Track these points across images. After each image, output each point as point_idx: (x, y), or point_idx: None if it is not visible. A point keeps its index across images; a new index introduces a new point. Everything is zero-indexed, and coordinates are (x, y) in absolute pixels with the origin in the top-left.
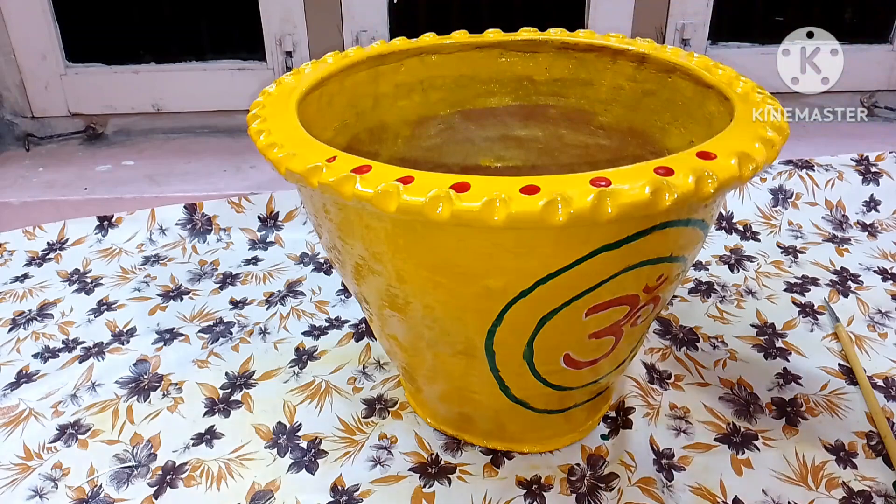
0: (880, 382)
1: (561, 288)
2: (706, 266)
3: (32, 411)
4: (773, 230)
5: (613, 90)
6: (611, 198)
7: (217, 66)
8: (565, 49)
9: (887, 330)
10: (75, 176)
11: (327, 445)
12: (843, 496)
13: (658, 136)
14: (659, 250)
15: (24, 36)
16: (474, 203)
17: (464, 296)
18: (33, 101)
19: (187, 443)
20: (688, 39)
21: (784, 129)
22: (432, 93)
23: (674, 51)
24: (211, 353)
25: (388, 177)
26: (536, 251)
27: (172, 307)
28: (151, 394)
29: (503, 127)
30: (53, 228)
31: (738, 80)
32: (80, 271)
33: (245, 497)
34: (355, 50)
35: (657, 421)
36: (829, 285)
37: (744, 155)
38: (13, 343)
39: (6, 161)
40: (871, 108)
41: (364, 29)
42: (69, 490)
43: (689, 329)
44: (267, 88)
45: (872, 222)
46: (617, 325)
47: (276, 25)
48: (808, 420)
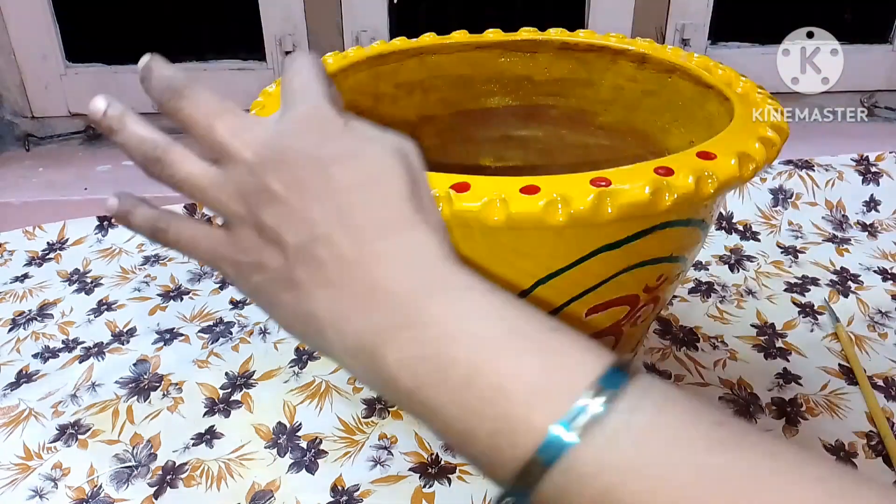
0: (880, 382)
1: (561, 288)
2: (706, 266)
3: (32, 411)
4: (773, 230)
5: (613, 90)
6: (611, 198)
7: (217, 66)
8: (565, 49)
9: (887, 330)
10: (75, 176)
11: (327, 445)
12: None
13: (658, 136)
14: (659, 250)
15: (24, 36)
16: (474, 203)
17: None
18: (33, 101)
19: (187, 443)
20: (688, 39)
21: (784, 129)
22: (432, 93)
23: (674, 51)
24: (211, 353)
25: None
26: (536, 251)
27: (172, 307)
28: (151, 394)
29: (503, 127)
30: (53, 228)
31: (738, 80)
32: (80, 271)
33: (245, 497)
34: (355, 50)
35: None
36: (829, 285)
37: (744, 155)
38: (13, 343)
39: (6, 161)
40: (871, 108)
41: (364, 29)
42: (69, 490)
43: (689, 329)
44: (267, 88)
45: (872, 222)
46: (617, 325)
47: (276, 25)
48: (808, 420)
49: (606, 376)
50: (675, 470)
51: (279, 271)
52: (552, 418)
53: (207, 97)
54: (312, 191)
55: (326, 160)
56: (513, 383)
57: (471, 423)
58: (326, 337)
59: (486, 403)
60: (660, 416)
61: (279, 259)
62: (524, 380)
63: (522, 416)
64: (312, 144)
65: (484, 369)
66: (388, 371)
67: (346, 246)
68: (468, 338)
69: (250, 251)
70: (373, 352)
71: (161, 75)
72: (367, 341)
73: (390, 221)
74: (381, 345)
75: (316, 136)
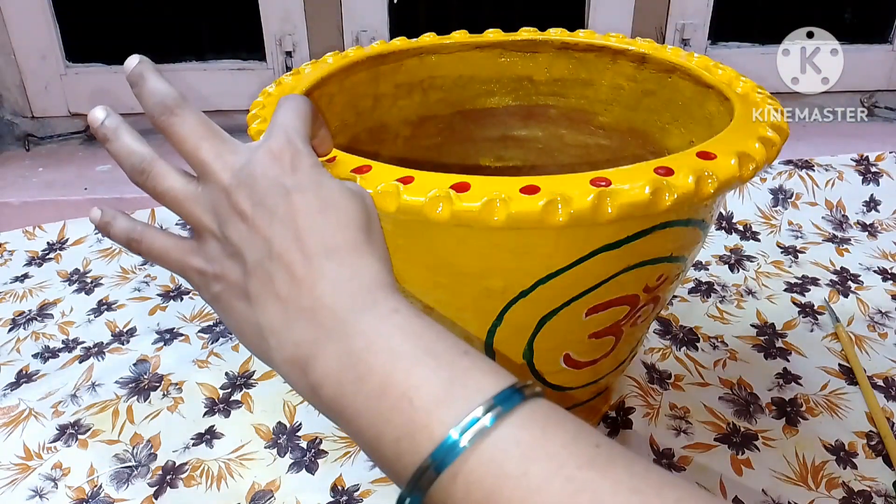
0: (880, 382)
1: (561, 288)
2: (706, 266)
3: (32, 411)
4: (773, 230)
5: (613, 90)
6: (611, 198)
7: (217, 65)
8: (565, 49)
9: (887, 330)
10: (75, 176)
11: (327, 445)
12: (843, 496)
13: (658, 136)
14: (659, 250)
15: (24, 36)
16: (474, 203)
17: (464, 296)
18: (33, 101)
19: (187, 443)
20: (688, 39)
21: (784, 129)
22: (432, 93)
23: (674, 51)
24: (211, 353)
25: (387, 177)
26: (536, 251)
27: (172, 307)
28: (151, 394)
29: (503, 127)
30: (53, 228)
31: (738, 80)
32: (80, 271)
33: (245, 497)
34: (355, 50)
35: (657, 421)
36: (829, 285)
37: (744, 155)
38: (13, 343)
39: (6, 161)
40: (871, 108)
41: (364, 29)
42: (69, 490)
43: (689, 329)
44: (267, 88)
45: (872, 222)
46: (617, 325)
47: (276, 25)
48: (808, 420)
49: (502, 396)
50: (547, 481)
51: (237, 283)
52: (447, 427)
53: (196, 118)
54: (275, 213)
55: (291, 188)
56: (419, 394)
57: (379, 430)
58: (269, 345)
59: (394, 412)
60: (544, 434)
61: (238, 272)
62: (429, 392)
63: (422, 423)
64: (282, 173)
65: (397, 380)
66: (315, 379)
67: (297, 264)
68: (387, 352)
69: (214, 262)
70: (305, 361)
71: (155, 90)
72: (302, 352)
73: (340, 246)
74: (311, 355)
75: (286, 168)
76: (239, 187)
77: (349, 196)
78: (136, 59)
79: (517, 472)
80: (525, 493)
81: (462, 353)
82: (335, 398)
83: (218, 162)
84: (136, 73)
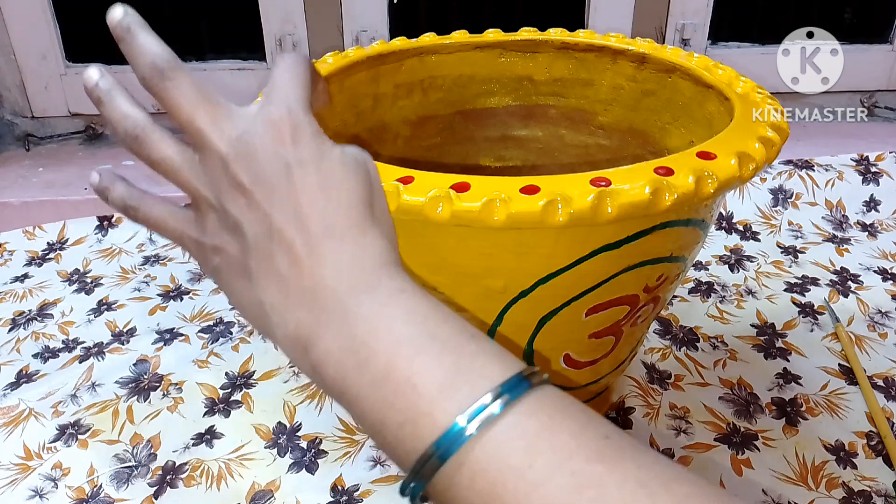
0: (880, 382)
1: (561, 288)
2: (706, 266)
3: (32, 411)
4: (773, 230)
5: (613, 90)
6: (611, 198)
7: (217, 65)
8: (565, 49)
9: (887, 330)
10: (75, 176)
11: (327, 445)
12: (843, 496)
13: (658, 136)
14: (659, 250)
15: (24, 36)
16: (474, 203)
17: (464, 296)
18: (33, 101)
19: (187, 443)
20: (688, 39)
21: (784, 129)
22: (432, 93)
23: (674, 51)
24: (211, 353)
25: (387, 177)
26: (536, 251)
27: (172, 307)
28: (151, 394)
29: (503, 127)
30: (53, 228)
31: (738, 80)
32: (80, 271)
33: (245, 497)
34: (355, 50)
35: (657, 421)
36: (829, 285)
37: (744, 155)
38: (13, 343)
39: (6, 161)
40: (871, 108)
41: (364, 29)
42: (69, 490)
43: (689, 329)
44: None
45: (872, 222)
46: (617, 325)
47: (276, 25)
48: (808, 420)
49: (510, 383)
50: (553, 474)
51: (236, 258)
52: (451, 415)
53: (190, 83)
54: (275, 189)
55: (292, 162)
56: (423, 379)
57: (383, 414)
58: (271, 322)
59: (397, 396)
60: (551, 424)
61: (237, 246)
62: (434, 377)
63: (426, 410)
64: (281, 146)
65: (400, 365)
66: (317, 360)
67: (297, 243)
68: (391, 336)
69: (212, 234)
70: (307, 341)
71: (146, 48)
72: (303, 332)
73: (342, 224)
74: (314, 336)
75: (287, 140)
76: (237, 158)
77: (352, 167)
78: (121, 9)
79: (522, 463)
80: (529, 487)
81: (469, 337)
82: (337, 380)
83: (215, 130)
84: (123, 26)
